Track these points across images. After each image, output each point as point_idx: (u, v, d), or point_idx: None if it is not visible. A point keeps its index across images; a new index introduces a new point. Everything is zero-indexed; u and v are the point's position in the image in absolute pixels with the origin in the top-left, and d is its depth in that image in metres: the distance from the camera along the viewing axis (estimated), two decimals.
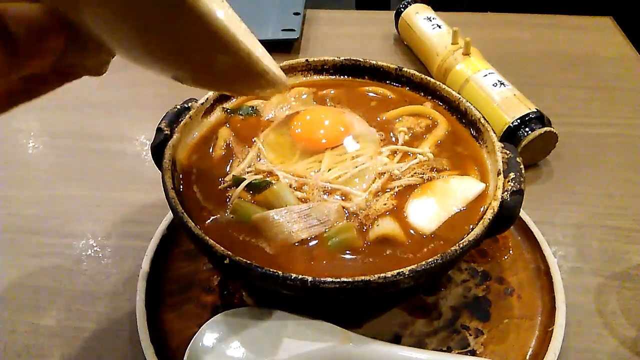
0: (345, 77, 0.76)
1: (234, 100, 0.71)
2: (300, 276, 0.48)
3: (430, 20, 1.07)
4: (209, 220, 0.56)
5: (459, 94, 0.68)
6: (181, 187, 0.59)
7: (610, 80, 1.08)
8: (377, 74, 0.74)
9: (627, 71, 1.10)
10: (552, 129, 0.83)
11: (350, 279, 0.48)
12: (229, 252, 0.50)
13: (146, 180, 0.85)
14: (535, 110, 0.85)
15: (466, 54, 0.96)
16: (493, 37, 1.18)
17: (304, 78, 0.75)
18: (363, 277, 0.48)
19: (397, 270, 0.48)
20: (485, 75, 0.92)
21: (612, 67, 1.11)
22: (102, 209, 0.81)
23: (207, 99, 0.68)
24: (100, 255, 0.75)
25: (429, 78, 0.71)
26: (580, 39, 1.19)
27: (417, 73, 0.72)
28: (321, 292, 0.49)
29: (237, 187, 0.58)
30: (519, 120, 0.84)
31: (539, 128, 0.83)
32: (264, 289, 0.51)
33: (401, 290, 0.52)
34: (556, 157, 0.89)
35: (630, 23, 1.23)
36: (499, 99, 0.88)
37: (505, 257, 0.70)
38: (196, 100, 0.67)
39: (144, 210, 0.80)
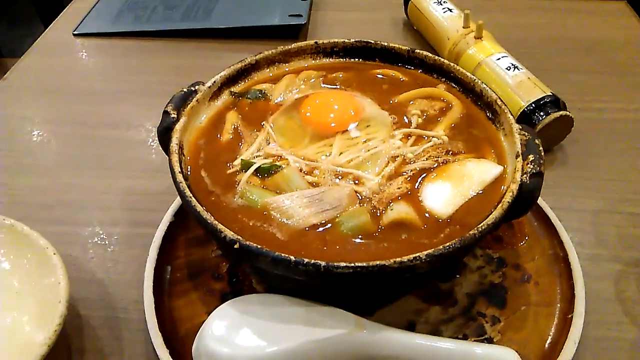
0: (356, 59, 0.74)
1: (241, 83, 0.70)
2: (313, 261, 0.46)
3: (441, 4, 1.04)
4: (217, 205, 0.54)
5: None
6: (189, 171, 0.58)
7: (625, 65, 1.05)
8: (389, 56, 0.72)
9: None
10: (568, 113, 0.81)
11: (365, 264, 0.46)
12: (239, 237, 0.48)
13: (153, 168, 0.84)
14: (551, 93, 0.83)
15: (478, 37, 0.94)
16: (505, 22, 1.16)
17: (313, 61, 0.73)
18: (378, 262, 0.46)
19: (414, 255, 0.47)
20: (499, 59, 0.89)
21: (627, 52, 1.08)
22: (109, 196, 0.80)
23: (215, 82, 0.66)
24: (107, 243, 0.73)
25: (442, 59, 0.69)
26: (595, 23, 1.16)
27: (430, 54, 0.70)
28: (335, 278, 0.47)
29: (246, 172, 0.57)
30: (533, 105, 0.82)
31: (555, 112, 0.81)
32: (275, 275, 0.50)
33: (417, 276, 0.50)
34: (571, 143, 0.87)
35: None
36: (513, 83, 0.85)
37: (522, 243, 0.68)
38: (203, 84, 0.66)
39: (151, 198, 0.79)
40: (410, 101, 0.66)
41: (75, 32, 1.17)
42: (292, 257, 0.47)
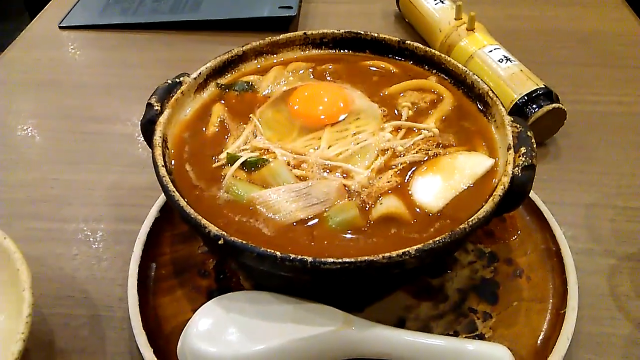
0: (346, 51, 0.72)
1: (228, 75, 0.68)
2: (299, 256, 0.45)
3: None
4: (202, 200, 0.53)
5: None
6: (172, 165, 0.56)
7: (618, 57, 1.04)
8: (379, 47, 0.71)
9: (635, 48, 1.06)
10: (560, 105, 0.80)
11: (352, 259, 0.45)
12: (224, 232, 0.47)
13: (139, 162, 0.83)
14: (543, 86, 0.82)
15: (470, 29, 0.93)
16: (497, 14, 1.14)
17: (302, 52, 0.72)
18: (366, 257, 0.45)
19: (403, 250, 0.45)
20: (491, 51, 0.88)
21: (620, 44, 1.07)
22: (94, 192, 0.78)
23: (200, 73, 0.65)
24: (91, 239, 0.72)
25: (433, 50, 0.68)
26: (587, 15, 1.15)
27: (420, 46, 0.69)
28: (322, 274, 0.46)
29: (232, 165, 0.56)
30: (526, 97, 0.81)
31: (547, 104, 0.79)
32: (262, 271, 0.48)
33: (406, 271, 0.49)
34: (564, 136, 0.86)
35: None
36: (506, 75, 0.84)
37: (514, 237, 0.67)
38: (188, 75, 0.64)
39: (136, 193, 0.77)
40: (400, 93, 0.65)
41: (61, 25, 1.15)
42: (278, 253, 0.45)
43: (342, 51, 0.72)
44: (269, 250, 0.45)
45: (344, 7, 1.20)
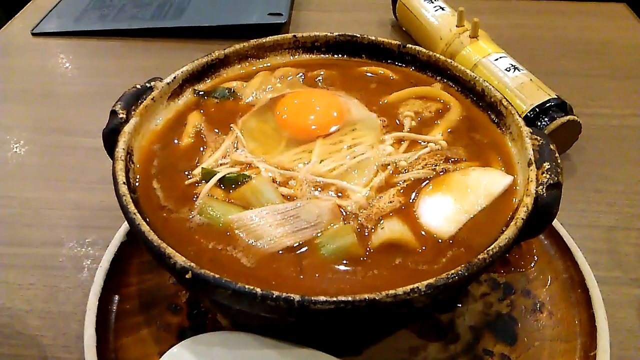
0: (340, 56, 0.66)
1: (207, 81, 0.61)
2: (284, 295, 0.37)
3: (433, 2, 0.97)
4: (170, 223, 0.45)
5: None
6: (137, 181, 0.48)
7: (628, 68, 0.99)
8: (377, 52, 0.64)
9: None
10: (576, 118, 0.73)
11: (349, 298, 0.37)
12: (192, 264, 0.39)
13: (107, 179, 0.73)
14: (556, 96, 0.75)
15: (474, 36, 0.86)
16: (500, 22, 1.08)
17: (292, 57, 0.65)
18: (367, 296, 0.37)
19: (411, 286, 0.38)
20: (497, 59, 0.82)
21: (630, 55, 1.02)
22: (56, 212, 0.70)
23: (175, 78, 0.57)
24: (49, 266, 0.63)
25: (438, 55, 0.61)
26: (595, 25, 1.10)
27: (423, 50, 0.62)
28: (312, 315, 0.38)
29: (207, 182, 0.48)
30: (537, 108, 0.74)
31: (562, 116, 0.72)
32: (240, 311, 0.40)
33: (414, 311, 0.41)
34: (578, 151, 0.79)
35: None
36: (514, 85, 0.77)
37: (531, 265, 0.59)
38: (161, 80, 0.56)
39: (103, 214, 0.69)
40: (402, 102, 0.59)
41: (34, 32, 1.07)
42: (259, 290, 0.37)
43: (335, 56, 0.66)
44: (247, 286, 0.37)
45: (338, 16, 1.13)
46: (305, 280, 0.41)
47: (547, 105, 0.74)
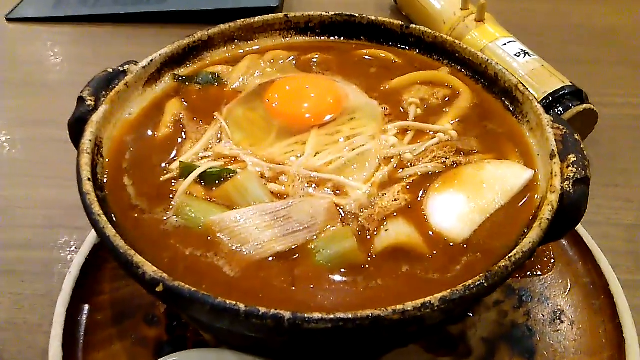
0: (336, 38, 0.61)
1: (189, 65, 0.55)
2: (272, 311, 0.32)
3: None
4: (142, 225, 0.39)
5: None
6: (106, 177, 0.42)
7: None
8: (377, 33, 0.60)
9: None
10: (592, 107, 0.68)
11: (350, 315, 0.32)
12: (164, 275, 0.33)
13: None
14: (570, 84, 0.69)
15: (480, 20, 0.81)
16: (506, 7, 1.02)
17: (283, 39, 0.60)
18: (370, 312, 0.32)
19: (422, 300, 0.32)
20: (505, 44, 0.76)
21: None
22: (26, 211, 0.65)
23: (152, 61, 0.52)
24: (15, 271, 0.58)
25: (445, 36, 0.56)
26: (605, 11, 1.04)
27: (429, 30, 0.57)
28: (305, 335, 0.32)
29: (186, 178, 0.42)
30: (550, 97, 0.68)
31: (577, 105, 0.67)
32: (222, 329, 0.34)
33: (424, 328, 0.35)
34: (592, 143, 0.74)
35: None
36: (525, 71, 0.72)
37: (548, 268, 0.54)
38: (136, 63, 0.51)
39: (79, 213, 0.61)
40: (406, 88, 0.54)
41: (8, 17, 1.01)
42: (242, 306, 0.32)
43: (332, 38, 0.61)
44: (228, 301, 0.32)
45: (333, 0, 1.07)
46: (298, 293, 0.36)
47: (561, 93, 0.68)
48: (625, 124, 0.78)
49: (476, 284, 0.33)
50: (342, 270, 0.37)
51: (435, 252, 0.38)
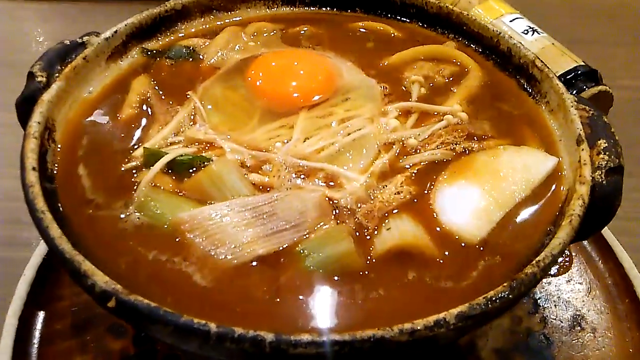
0: (328, 9, 0.56)
1: (160, 37, 0.50)
2: (250, 333, 0.27)
3: None
4: (97, 224, 0.34)
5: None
6: (56, 166, 0.36)
7: None
8: (374, 3, 0.55)
9: None
10: (607, 88, 0.63)
11: (347, 337, 0.27)
12: (117, 286, 0.27)
13: None
14: (584, 63, 0.64)
15: None
16: None
17: (268, 10, 0.56)
18: (372, 333, 0.27)
19: (435, 317, 0.27)
20: (512, 21, 0.70)
21: None
22: None
23: (117, 32, 0.46)
24: None
25: (450, 7, 0.51)
26: None
27: (432, 0, 0.50)
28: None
29: (151, 167, 0.37)
30: (562, 78, 0.62)
31: (592, 87, 0.62)
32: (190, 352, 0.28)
33: (437, 348, 0.29)
34: None
35: None
36: (534, 50, 0.65)
37: (564, 267, 0.49)
38: (98, 34, 0.45)
39: None
40: (407, 64, 0.50)
41: None
42: (213, 326, 0.26)
43: (323, 9, 0.56)
44: (196, 320, 0.26)
45: None
46: (283, 306, 0.31)
47: (574, 73, 0.63)
48: (639, 108, 0.73)
49: (499, 295, 0.28)
50: (337, 278, 0.32)
51: (447, 254, 0.34)
